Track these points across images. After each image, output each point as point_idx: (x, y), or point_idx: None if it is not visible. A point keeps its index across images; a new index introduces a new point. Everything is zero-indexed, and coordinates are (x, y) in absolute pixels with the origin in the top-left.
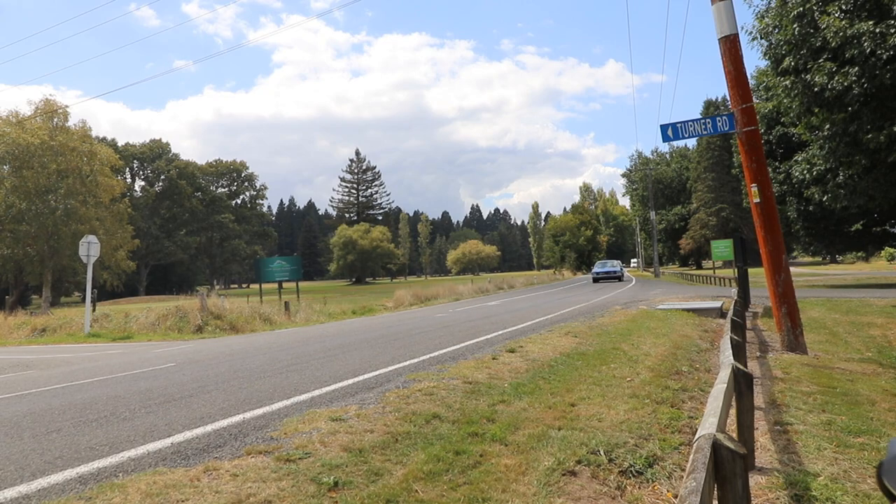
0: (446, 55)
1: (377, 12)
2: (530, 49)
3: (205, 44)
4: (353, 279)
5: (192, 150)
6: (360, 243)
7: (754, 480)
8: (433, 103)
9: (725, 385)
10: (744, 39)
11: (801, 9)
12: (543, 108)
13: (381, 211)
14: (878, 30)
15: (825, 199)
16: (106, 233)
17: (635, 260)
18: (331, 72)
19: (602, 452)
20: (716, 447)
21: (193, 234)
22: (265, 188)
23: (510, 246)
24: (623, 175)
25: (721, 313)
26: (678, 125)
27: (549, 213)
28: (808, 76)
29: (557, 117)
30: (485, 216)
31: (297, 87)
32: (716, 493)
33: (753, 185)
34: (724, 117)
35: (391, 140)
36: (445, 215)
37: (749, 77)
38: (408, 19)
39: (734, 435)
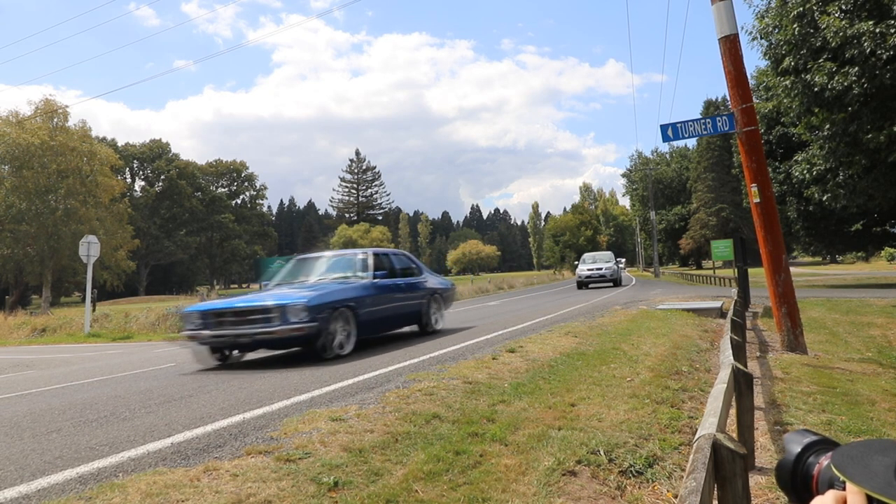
0: (446, 55)
1: (377, 12)
2: (530, 49)
3: (205, 44)
4: None
5: (191, 150)
6: (359, 243)
7: (754, 480)
8: (433, 103)
9: (725, 385)
10: (744, 39)
11: (801, 9)
12: (544, 108)
13: (382, 211)
14: (878, 30)
15: (825, 199)
16: (106, 233)
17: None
18: (331, 71)
19: (602, 452)
20: (716, 447)
21: (193, 234)
22: (265, 188)
23: (510, 246)
24: (623, 175)
25: (721, 313)
26: (678, 125)
27: (549, 213)
28: (808, 76)
29: (557, 117)
30: (485, 216)
31: (297, 86)
32: (716, 493)
33: (753, 185)
34: (725, 117)
35: (391, 140)
36: (445, 215)
37: (749, 77)
38: (408, 18)
39: (734, 435)
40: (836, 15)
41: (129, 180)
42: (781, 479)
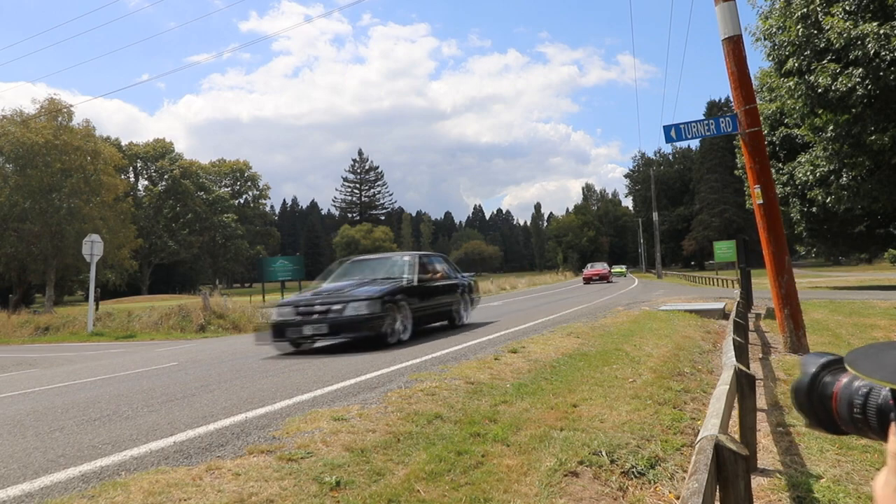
0: (448, 54)
1: (379, 8)
2: (534, 50)
3: (204, 42)
4: None
5: (193, 149)
6: (362, 243)
7: (756, 482)
8: (436, 102)
9: (728, 386)
10: (747, 41)
11: (805, 10)
12: (548, 109)
13: (384, 211)
14: (882, 31)
15: (828, 200)
16: (109, 232)
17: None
18: (331, 70)
19: (604, 453)
20: (718, 448)
21: (196, 233)
22: (268, 188)
23: (512, 246)
24: (626, 176)
25: (724, 314)
26: (681, 126)
27: (551, 213)
28: (812, 77)
29: (562, 118)
30: (487, 216)
31: (298, 85)
32: (718, 494)
33: (756, 186)
34: (728, 118)
35: (394, 139)
36: (448, 215)
37: (752, 78)
38: (409, 16)
39: (736, 436)
40: (840, 16)
41: (132, 180)
42: (798, 400)
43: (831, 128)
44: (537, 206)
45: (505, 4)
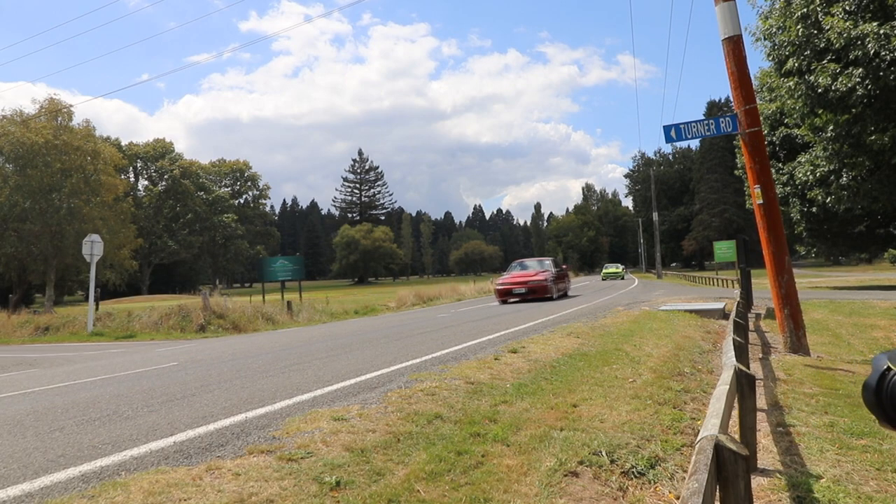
0: (448, 53)
1: (379, 8)
2: (534, 49)
3: (204, 42)
4: (356, 279)
5: (193, 149)
6: (362, 243)
7: (756, 482)
8: (436, 101)
9: (728, 386)
10: (747, 41)
11: (805, 10)
12: (548, 109)
13: (384, 211)
14: (881, 31)
15: (828, 200)
16: (109, 232)
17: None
18: (331, 70)
19: (604, 453)
20: (718, 448)
21: (196, 233)
22: (268, 188)
23: (513, 246)
24: (626, 176)
25: (724, 314)
26: (681, 126)
27: (551, 213)
28: (812, 77)
29: (562, 118)
30: (487, 216)
31: (298, 85)
32: (718, 494)
33: (756, 186)
34: (728, 118)
35: (394, 139)
36: (448, 215)
37: (752, 78)
38: (409, 16)
39: (736, 436)
40: (840, 16)
41: (132, 179)
42: (867, 399)
43: (831, 128)
44: (537, 206)
45: (505, 4)
